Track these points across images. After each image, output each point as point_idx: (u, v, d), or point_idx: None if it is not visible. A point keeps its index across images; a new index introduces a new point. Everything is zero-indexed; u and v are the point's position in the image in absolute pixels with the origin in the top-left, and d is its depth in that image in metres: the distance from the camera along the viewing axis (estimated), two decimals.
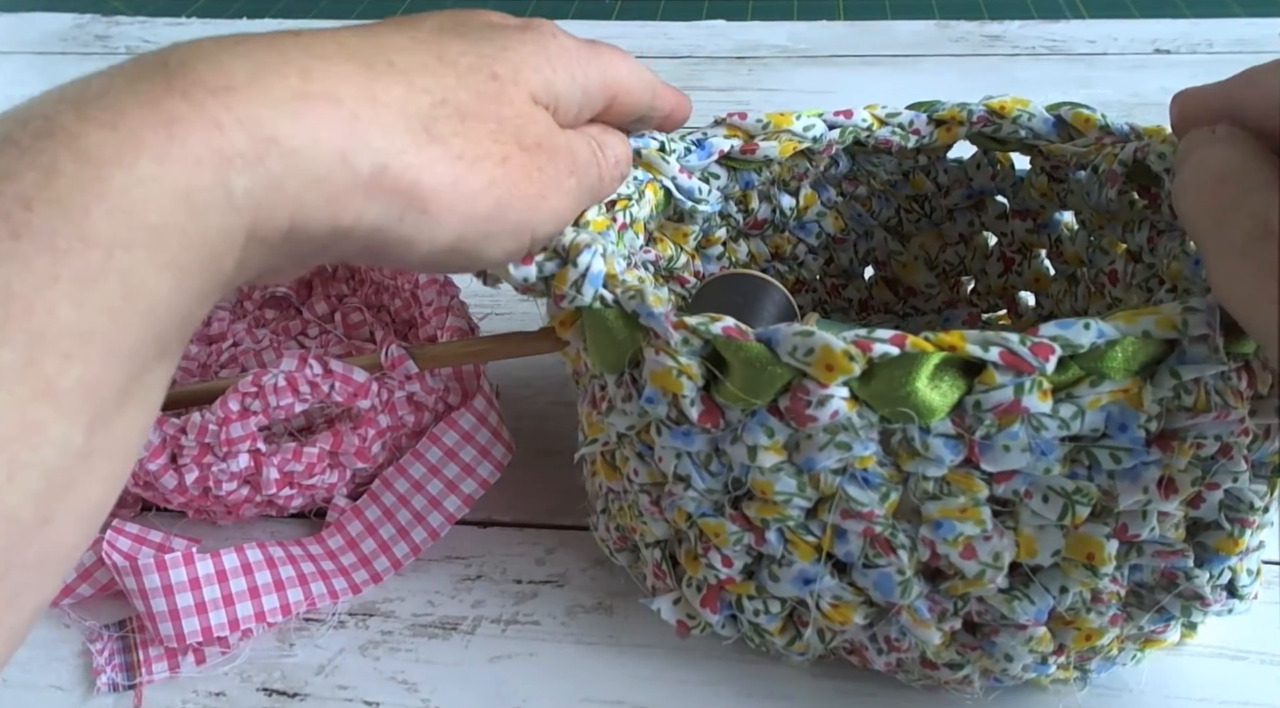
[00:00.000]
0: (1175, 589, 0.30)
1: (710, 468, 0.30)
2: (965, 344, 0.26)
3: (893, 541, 0.29)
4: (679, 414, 0.29)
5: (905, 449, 0.28)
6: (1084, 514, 0.28)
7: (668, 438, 0.30)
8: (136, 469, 0.38)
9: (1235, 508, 0.30)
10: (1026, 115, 0.39)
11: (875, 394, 0.27)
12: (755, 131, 0.39)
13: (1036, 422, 0.26)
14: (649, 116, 0.36)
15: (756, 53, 0.81)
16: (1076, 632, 0.31)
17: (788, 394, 0.27)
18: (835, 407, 0.27)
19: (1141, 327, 0.26)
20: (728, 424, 0.29)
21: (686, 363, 0.28)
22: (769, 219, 0.44)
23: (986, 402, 0.26)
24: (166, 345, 0.23)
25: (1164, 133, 0.36)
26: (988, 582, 0.29)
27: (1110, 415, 0.27)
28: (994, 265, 0.45)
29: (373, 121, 0.25)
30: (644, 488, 0.33)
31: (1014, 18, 0.85)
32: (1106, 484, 0.28)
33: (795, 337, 0.26)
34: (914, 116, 0.40)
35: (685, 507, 0.32)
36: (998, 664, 0.31)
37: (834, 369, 0.26)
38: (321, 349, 0.50)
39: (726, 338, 0.27)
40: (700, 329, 0.28)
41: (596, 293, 0.30)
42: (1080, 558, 0.29)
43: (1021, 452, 0.27)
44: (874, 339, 0.26)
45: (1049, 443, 0.27)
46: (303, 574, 0.38)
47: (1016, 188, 0.43)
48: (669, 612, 0.34)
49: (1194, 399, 0.26)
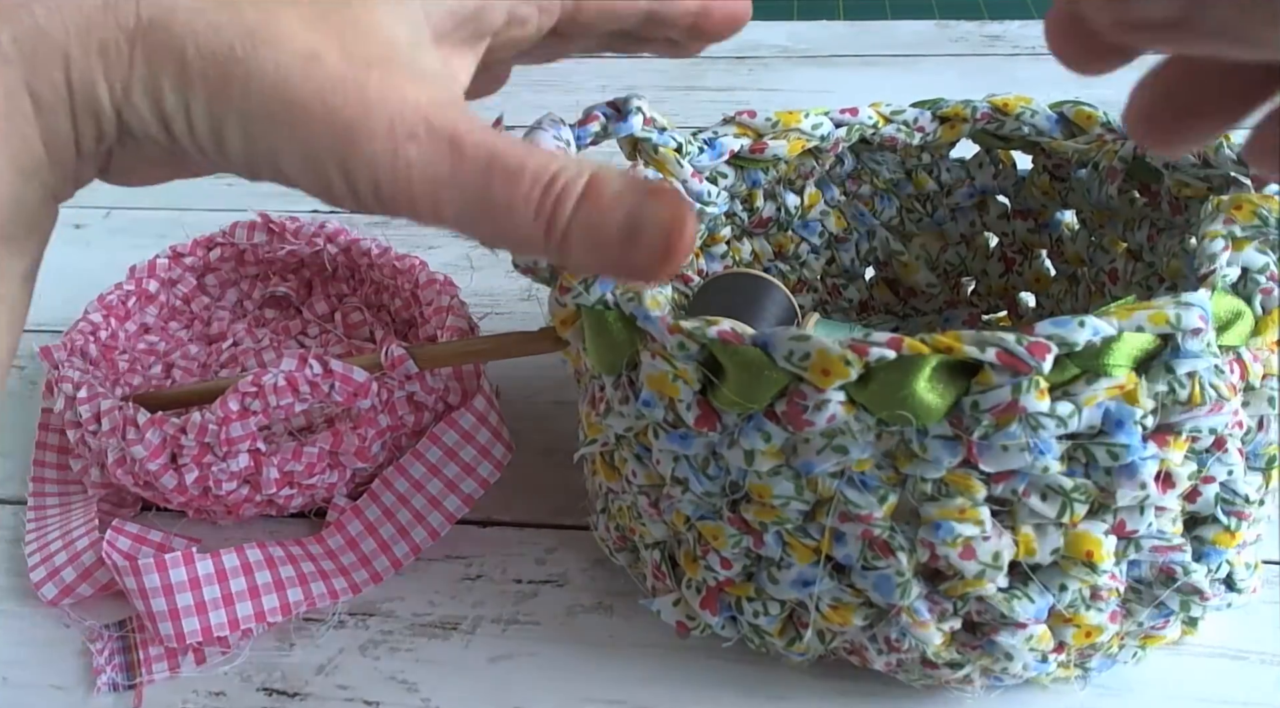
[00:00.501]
0: (1174, 584, 0.30)
1: (708, 471, 0.30)
2: (962, 345, 0.26)
3: (891, 543, 0.29)
4: (676, 418, 0.29)
5: (903, 451, 0.28)
6: (1082, 512, 0.28)
7: (665, 441, 0.30)
8: (136, 469, 0.38)
9: (1231, 502, 0.30)
10: (1030, 112, 0.39)
11: (873, 397, 0.27)
12: (764, 130, 0.39)
13: (1034, 421, 0.26)
14: (661, 14, 0.29)
15: (756, 53, 0.81)
16: (1076, 629, 0.31)
17: (784, 399, 0.27)
18: (832, 411, 0.27)
19: (1136, 322, 0.26)
20: (724, 428, 0.29)
21: (682, 367, 0.28)
22: (774, 218, 0.44)
23: (984, 402, 0.26)
24: (10, 234, 0.21)
25: None
26: (987, 582, 0.29)
27: (1107, 412, 0.27)
28: (995, 266, 0.45)
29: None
30: (642, 490, 0.33)
31: (1014, 18, 0.85)
32: (1104, 481, 0.28)
33: (791, 341, 0.26)
34: (919, 114, 0.40)
35: (683, 510, 0.32)
36: (998, 663, 0.31)
37: (830, 374, 0.26)
38: (321, 349, 0.50)
39: (722, 342, 0.27)
40: (696, 333, 0.28)
41: (603, 294, 0.30)
42: (1079, 556, 0.29)
43: (1020, 451, 0.27)
44: (870, 343, 0.26)
45: (1047, 442, 0.27)
46: (303, 574, 0.38)
47: (1018, 187, 0.43)
48: (669, 613, 0.34)
49: (1189, 393, 0.27)
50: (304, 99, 0.22)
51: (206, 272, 0.50)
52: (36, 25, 0.21)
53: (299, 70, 0.22)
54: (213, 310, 0.51)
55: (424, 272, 0.46)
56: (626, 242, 0.23)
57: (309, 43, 0.22)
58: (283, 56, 0.22)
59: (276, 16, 0.22)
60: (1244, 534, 0.30)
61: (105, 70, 0.22)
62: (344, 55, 0.22)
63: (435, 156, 0.23)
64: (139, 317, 0.48)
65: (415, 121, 0.22)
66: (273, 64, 0.22)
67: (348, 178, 0.23)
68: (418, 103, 0.23)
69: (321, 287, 0.51)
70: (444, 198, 0.23)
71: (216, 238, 0.50)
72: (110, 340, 0.46)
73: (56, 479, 0.43)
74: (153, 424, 0.38)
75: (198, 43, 0.22)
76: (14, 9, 0.21)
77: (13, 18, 0.21)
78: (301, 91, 0.22)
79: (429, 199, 0.23)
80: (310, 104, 0.22)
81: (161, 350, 0.49)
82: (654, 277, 0.24)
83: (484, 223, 0.23)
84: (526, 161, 0.23)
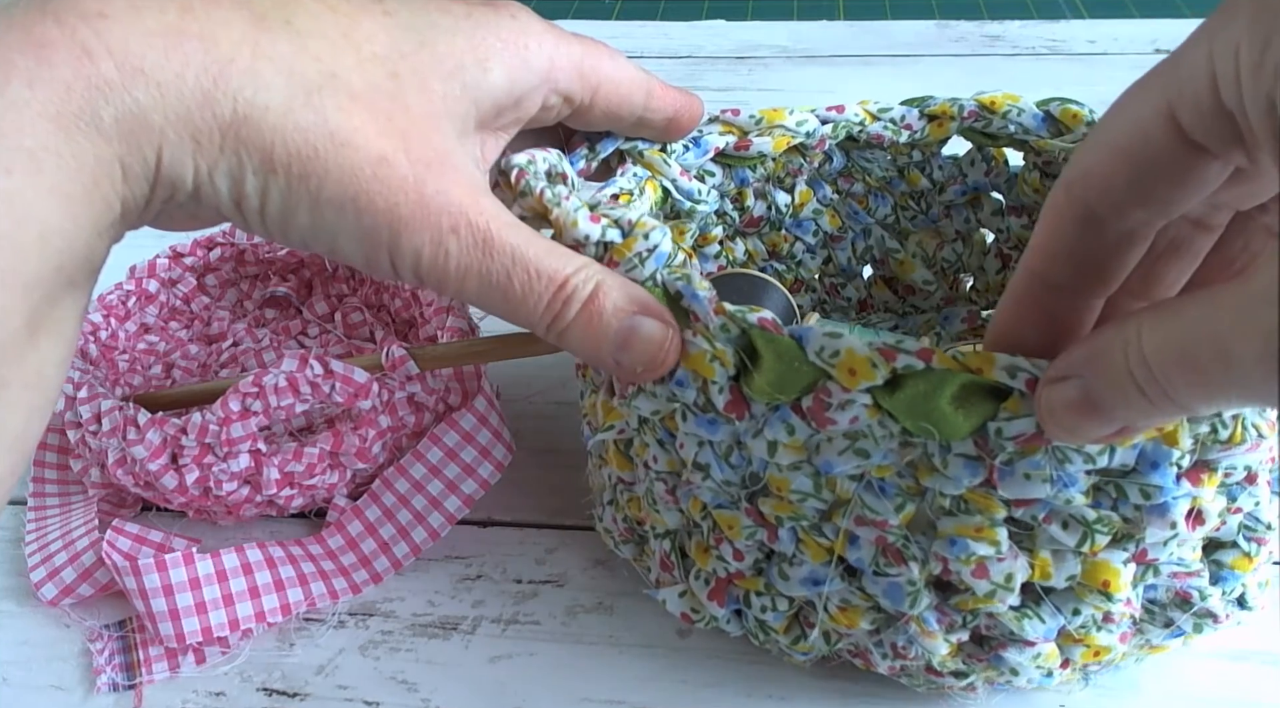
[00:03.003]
0: (1189, 609, 0.30)
1: (730, 460, 0.30)
2: (993, 369, 0.25)
3: (905, 552, 0.29)
4: (706, 401, 0.29)
5: (924, 464, 0.27)
6: (1103, 543, 0.28)
7: (692, 425, 0.30)
8: (137, 469, 0.38)
9: (1253, 529, 0.30)
10: (1016, 110, 0.39)
11: (899, 406, 0.26)
12: (749, 127, 0.39)
13: (1061, 453, 0.26)
14: (647, 119, 0.34)
15: (756, 53, 0.81)
16: (1085, 649, 0.30)
17: (811, 394, 0.27)
18: (856, 412, 0.26)
19: None
20: (752, 417, 0.29)
21: (722, 349, 0.28)
22: (765, 216, 0.44)
23: (1008, 429, 0.25)
24: (71, 277, 0.23)
25: None
26: (998, 601, 0.29)
27: (1143, 452, 0.26)
28: (991, 262, 0.45)
29: (247, 70, 0.24)
30: (661, 476, 0.33)
31: (1014, 18, 0.85)
32: (1132, 515, 0.27)
33: (825, 337, 0.26)
34: (905, 111, 0.40)
35: (701, 496, 0.32)
36: (1003, 676, 0.31)
37: (857, 374, 0.26)
38: (321, 349, 0.50)
39: (761, 329, 0.27)
40: (738, 317, 0.28)
41: (656, 270, 0.30)
42: (1096, 584, 0.28)
43: (1043, 482, 0.26)
44: (900, 349, 0.25)
45: (1073, 476, 0.26)
46: (303, 574, 0.38)
47: (1011, 184, 0.43)
48: (675, 604, 0.34)
49: (1230, 433, 0.26)
50: (370, 196, 0.26)
51: (206, 272, 0.50)
52: (138, 108, 0.23)
53: (369, 172, 0.26)
54: (213, 310, 0.51)
55: None
56: (617, 349, 0.28)
57: (380, 148, 0.26)
58: (358, 157, 0.25)
59: (353, 121, 0.25)
60: (1260, 558, 0.30)
61: (195, 153, 0.24)
62: (408, 158, 0.26)
63: (470, 250, 0.27)
64: (139, 317, 0.48)
65: (458, 218, 0.26)
66: (349, 164, 0.25)
67: (394, 259, 0.27)
68: (461, 202, 0.27)
69: (321, 287, 0.51)
70: (470, 284, 0.27)
71: (216, 238, 0.50)
72: (110, 340, 0.46)
73: (56, 479, 0.43)
74: (153, 424, 0.38)
75: (285, 140, 0.25)
76: (119, 90, 0.23)
77: (117, 99, 0.23)
78: (369, 190, 0.26)
79: (457, 282, 0.27)
80: (375, 201, 0.26)
81: (161, 350, 0.49)
82: (639, 380, 0.29)
83: (498, 306, 0.28)
84: (544, 264, 0.27)
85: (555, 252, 0.28)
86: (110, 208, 0.24)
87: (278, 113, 0.24)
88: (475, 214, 0.27)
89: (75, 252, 0.23)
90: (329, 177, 0.25)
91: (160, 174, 0.24)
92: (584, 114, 0.33)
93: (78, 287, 0.24)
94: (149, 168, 0.24)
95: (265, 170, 0.25)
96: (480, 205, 0.27)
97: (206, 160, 0.24)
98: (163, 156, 0.24)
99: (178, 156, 0.24)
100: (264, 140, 0.24)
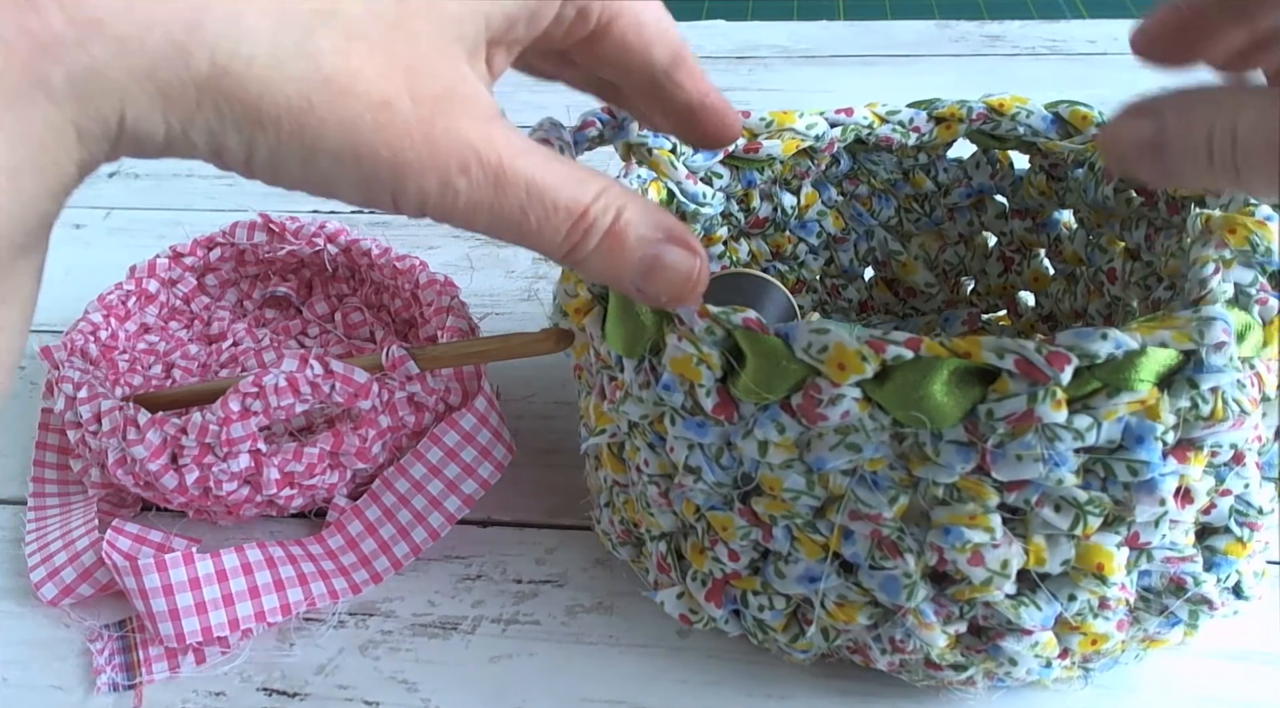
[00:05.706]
0: (1184, 595, 0.30)
1: (721, 461, 0.30)
2: (980, 351, 0.25)
3: (900, 544, 0.29)
4: (694, 405, 0.29)
5: (916, 454, 0.28)
6: (1095, 525, 0.28)
7: (681, 428, 0.30)
8: (137, 469, 0.38)
9: (1245, 513, 0.30)
10: (1025, 112, 0.39)
11: (888, 397, 0.26)
12: (759, 130, 0.39)
13: (1050, 432, 0.26)
14: (666, 92, 0.31)
15: (756, 53, 0.81)
16: (1082, 637, 0.30)
17: (800, 391, 0.27)
18: (846, 407, 0.27)
19: (1159, 338, 0.25)
20: (741, 418, 0.29)
21: (707, 352, 0.28)
22: (770, 218, 0.44)
23: (999, 410, 0.26)
24: (23, 246, 0.22)
25: None
26: (994, 589, 0.29)
27: (1128, 427, 0.26)
28: (993, 265, 0.45)
29: (226, 17, 0.21)
30: (653, 479, 0.33)
31: (1014, 18, 0.85)
32: (1122, 496, 0.28)
33: (811, 333, 0.26)
34: (914, 114, 0.40)
35: (694, 499, 0.32)
36: (1002, 668, 0.31)
37: (846, 368, 0.26)
38: (321, 349, 0.50)
39: (746, 329, 0.27)
40: (722, 319, 0.28)
41: None
42: (1090, 568, 0.29)
43: (1034, 462, 0.26)
44: (888, 340, 0.26)
45: (1063, 454, 0.26)
46: (303, 574, 0.38)
47: (1016, 187, 0.43)
48: (673, 605, 0.34)
49: (1211, 408, 0.26)
50: (372, 145, 0.23)
51: (206, 272, 0.50)
52: (94, 65, 0.21)
53: (370, 119, 0.23)
54: (213, 310, 0.51)
55: (424, 272, 0.46)
56: (640, 279, 0.26)
57: (382, 91, 0.23)
58: (358, 105, 0.23)
59: (351, 63, 0.23)
60: (1254, 544, 0.30)
61: (165, 110, 0.22)
62: (411, 98, 0.24)
63: (480, 187, 0.25)
64: (139, 317, 0.48)
65: (468, 156, 0.24)
66: (348, 113, 0.23)
67: (397, 201, 0.25)
68: (471, 138, 0.24)
69: (321, 287, 0.51)
70: (480, 219, 0.25)
71: (216, 238, 0.50)
72: (110, 340, 0.46)
73: (56, 479, 0.43)
74: (153, 424, 0.38)
75: (273, 94, 0.22)
76: (69, 47, 0.20)
77: (67, 57, 0.20)
78: (371, 139, 0.23)
79: (467, 218, 0.25)
80: (378, 150, 0.23)
81: (161, 350, 0.49)
82: (667, 308, 0.28)
83: (511, 237, 0.26)
84: (561, 194, 0.25)
85: (574, 176, 0.26)
86: (63, 172, 0.21)
87: (264, 64, 0.22)
88: (486, 149, 0.24)
89: (26, 221, 0.21)
90: (325, 128, 0.23)
91: (124, 134, 0.22)
92: (595, 44, 0.30)
93: (31, 249, 0.22)
94: (109, 128, 0.21)
95: (251, 126, 0.22)
96: (491, 137, 0.25)
97: (179, 117, 0.22)
98: (125, 117, 0.21)
99: (144, 114, 0.21)
100: (248, 94, 0.22)
